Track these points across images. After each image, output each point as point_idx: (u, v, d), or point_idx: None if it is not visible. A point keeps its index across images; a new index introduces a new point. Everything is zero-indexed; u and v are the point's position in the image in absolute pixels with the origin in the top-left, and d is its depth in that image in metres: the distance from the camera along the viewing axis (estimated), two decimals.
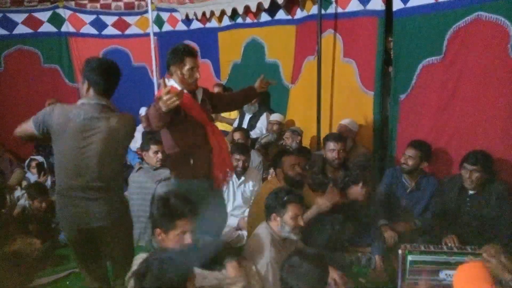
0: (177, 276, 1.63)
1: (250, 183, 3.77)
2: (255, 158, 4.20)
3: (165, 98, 2.24)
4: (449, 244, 2.89)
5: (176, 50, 2.68)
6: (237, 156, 3.67)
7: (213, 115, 5.40)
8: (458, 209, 3.10)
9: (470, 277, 1.42)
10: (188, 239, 2.02)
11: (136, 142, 5.35)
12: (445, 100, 3.39)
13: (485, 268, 1.47)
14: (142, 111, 5.19)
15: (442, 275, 2.62)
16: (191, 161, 2.66)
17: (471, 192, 3.04)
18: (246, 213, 3.58)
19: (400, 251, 2.72)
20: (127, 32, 6.32)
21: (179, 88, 2.66)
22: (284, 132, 4.62)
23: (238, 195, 3.78)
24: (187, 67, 2.64)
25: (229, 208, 3.76)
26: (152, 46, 5.90)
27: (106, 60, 2.35)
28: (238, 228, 3.65)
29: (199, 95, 2.80)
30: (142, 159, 4.01)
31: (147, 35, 5.94)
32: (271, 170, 3.81)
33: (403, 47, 3.63)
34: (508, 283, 2.05)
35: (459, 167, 3.10)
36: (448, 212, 3.15)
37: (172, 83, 2.68)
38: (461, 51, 3.24)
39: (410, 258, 2.68)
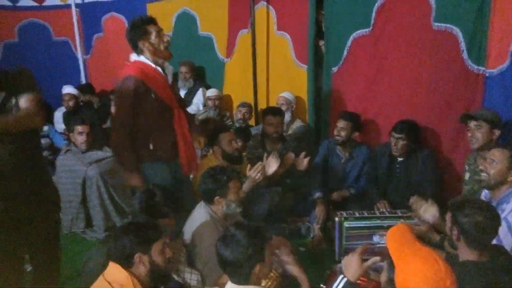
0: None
1: None
2: None
3: None
4: (381, 209, 3.05)
5: (134, 25, 2.52)
6: None
7: None
8: (388, 175, 3.27)
9: (398, 237, 1.54)
10: None
11: (60, 123, 5.01)
12: (374, 72, 3.51)
13: (410, 228, 1.59)
14: (65, 89, 4.81)
15: (375, 238, 2.77)
16: (151, 146, 2.54)
17: (399, 159, 3.22)
18: None
19: (336, 219, 2.83)
20: (46, 3, 5.73)
21: (151, 64, 2.53)
22: (222, 108, 4.56)
23: None
24: (153, 34, 2.51)
25: None
26: (75, 18, 5.48)
27: None
28: None
29: (169, 74, 2.65)
30: (69, 141, 3.76)
31: (68, 6, 5.49)
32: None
33: (333, 20, 3.68)
34: (437, 243, 2.23)
35: (388, 135, 3.26)
36: (379, 178, 3.32)
37: (142, 59, 2.53)
38: (387, 24, 3.35)
39: (346, 224, 2.80)
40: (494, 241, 1.84)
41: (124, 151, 2.52)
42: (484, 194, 2.42)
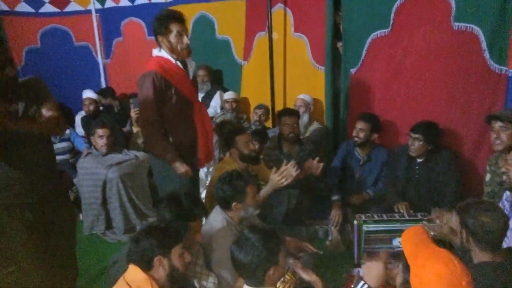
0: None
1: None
2: None
3: None
4: (401, 210, 2.99)
5: (159, 18, 2.55)
6: None
7: None
8: (407, 176, 3.22)
9: (413, 238, 1.54)
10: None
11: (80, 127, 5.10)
12: (393, 73, 3.47)
13: (424, 230, 1.59)
14: (85, 93, 4.90)
15: (395, 242, 2.73)
16: (170, 139, 2.56)
17: (419, 159, 3.16)
18: (203, 195, 3.53)
19: (355, 222, 2.81)
20: (67, 9, 5.87)
21: (170, 58, 2.55)
22: (239, 110, 4.57)
23: None
24: (173, 33, 2.52)
25: None
26: (95, 24, 5.58)
27: None
28: None
29: (191, 69, 2.67)
30: (90, 144, 3.83)
31: (89, 12, 5.60)
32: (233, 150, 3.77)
33: (352, 21, 3.64)
34: (459, 246, 2.19)
35: (407, 136, 3.22)
36: (398, 179, 3.27)
37: (163, 53, 2.56)
38: (407, 24, 3.30)
39: (365, 228, 2.77)
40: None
41: (159, 144, 2.54)
42: (506, 196, 2.36)
